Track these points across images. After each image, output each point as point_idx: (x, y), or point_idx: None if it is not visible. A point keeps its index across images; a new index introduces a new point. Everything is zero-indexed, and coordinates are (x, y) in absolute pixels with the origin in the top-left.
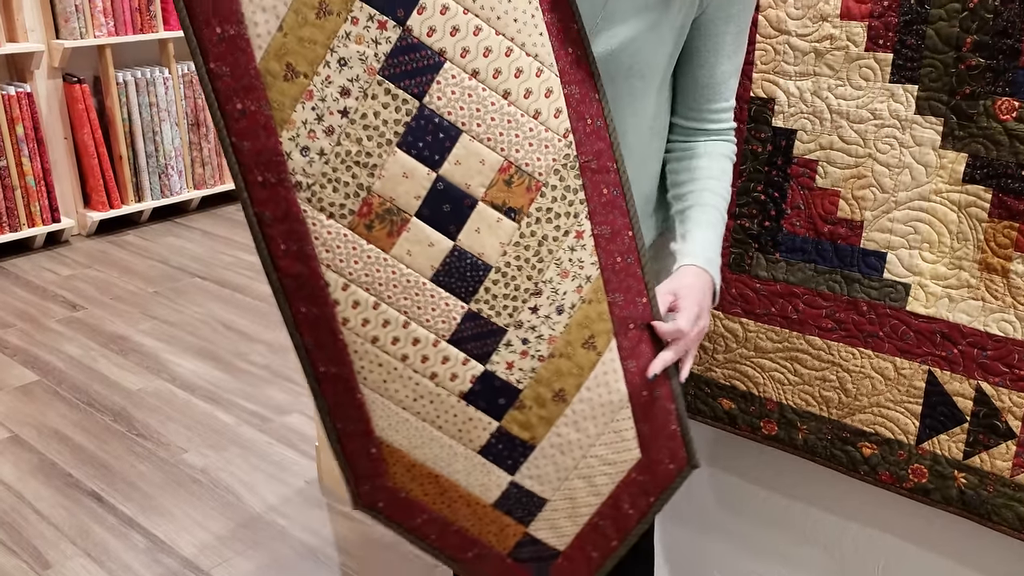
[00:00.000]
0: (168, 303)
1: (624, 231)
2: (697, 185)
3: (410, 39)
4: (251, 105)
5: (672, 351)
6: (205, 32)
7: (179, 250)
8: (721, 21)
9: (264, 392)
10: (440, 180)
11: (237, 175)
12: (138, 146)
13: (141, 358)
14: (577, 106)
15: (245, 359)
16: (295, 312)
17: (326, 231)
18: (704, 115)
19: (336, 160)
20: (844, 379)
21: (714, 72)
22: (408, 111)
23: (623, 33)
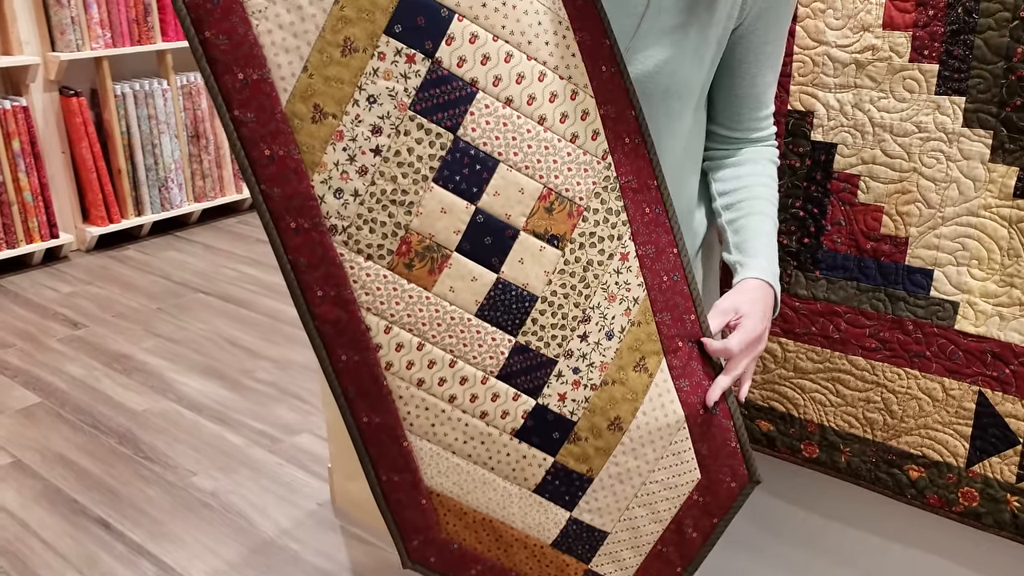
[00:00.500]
0: (171, 320)
1: (668, 249)
2: (748, 193)
3: (440, 71)
4: (279, 150)
5: (728, 374)
6: (227, 79)
7: (181, 265)
8: (761, 31)
9: (272, 411)
10: (479, 213)
11: (268, 223)
12: (137, 159)
13: (146, 377)
14: (614, 125)
15: (252, 377)
16: (335, 361)
17: (365, 273)
18: (747, 124)
19: (371, 200)
20: (889, 400)
21: (755, 82)
22: (442, 145)
23: (659, 54)
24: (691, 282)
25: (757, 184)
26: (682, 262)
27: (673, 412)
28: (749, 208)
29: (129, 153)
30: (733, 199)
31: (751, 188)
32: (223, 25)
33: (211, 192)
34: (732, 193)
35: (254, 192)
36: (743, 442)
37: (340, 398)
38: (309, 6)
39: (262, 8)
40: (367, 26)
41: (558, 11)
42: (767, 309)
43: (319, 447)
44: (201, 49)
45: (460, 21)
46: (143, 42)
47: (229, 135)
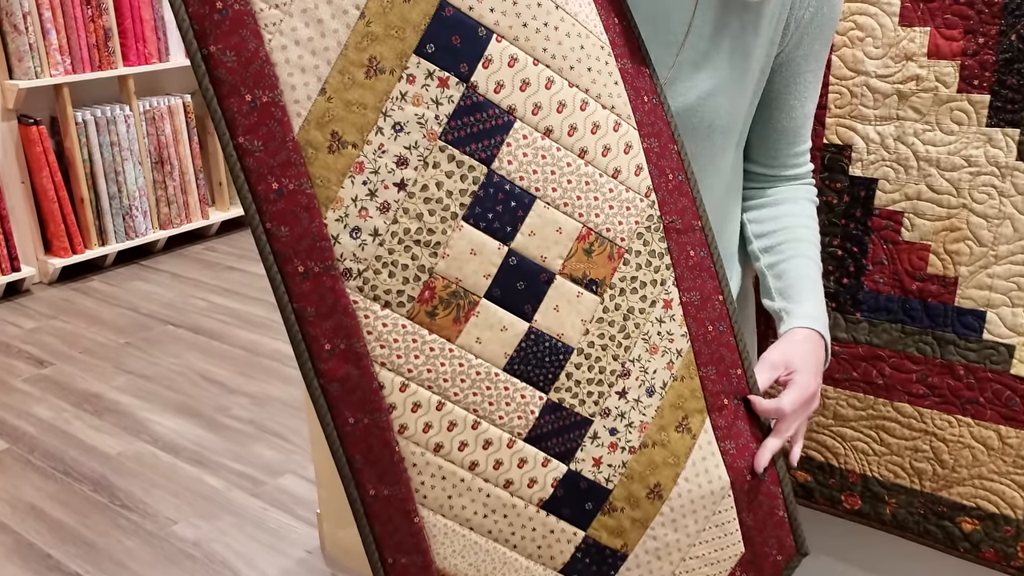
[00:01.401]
0: (141, 355)
1: (714, 296)
2: (789, 234)
3: (475, 97)
4: (289, 183)
5: (778, 437)
6: (232, 101)
7: (148, 295)
8: (801, 59)
9: (252, 451)
10: (512, 254)
11: (272, 267)
12: (100, 187)
13: (118, 418)
14: (658, 161)
15: (228, 414)
16: (340, 425)
17: (381, 323)
18: (784, 160)
19: (393, 240)
20: (939, 449)
21: (794, 115)
22: (475, 179)
23: (701, 85)
24: (737, 333)
25: (798, 225)
26: (728, 311)
27: (718, 478)
28: (791, 251)
29: (91, 181)
30: (773, 241)
31: (792, 229)
32: (231, 39)
33: (177, 219)
34: (771, 235)
35: (257, 231)
36: (791, 511)
37: (344, 468)
38: (331, 20)
39: (276, 21)
40: (396, 44)
41: (600, 35)
42: (819, 362)
43: (304, 489)
44: (204, 66)
45: (499, 42)
46: (104, 67)
47: (231, 165)
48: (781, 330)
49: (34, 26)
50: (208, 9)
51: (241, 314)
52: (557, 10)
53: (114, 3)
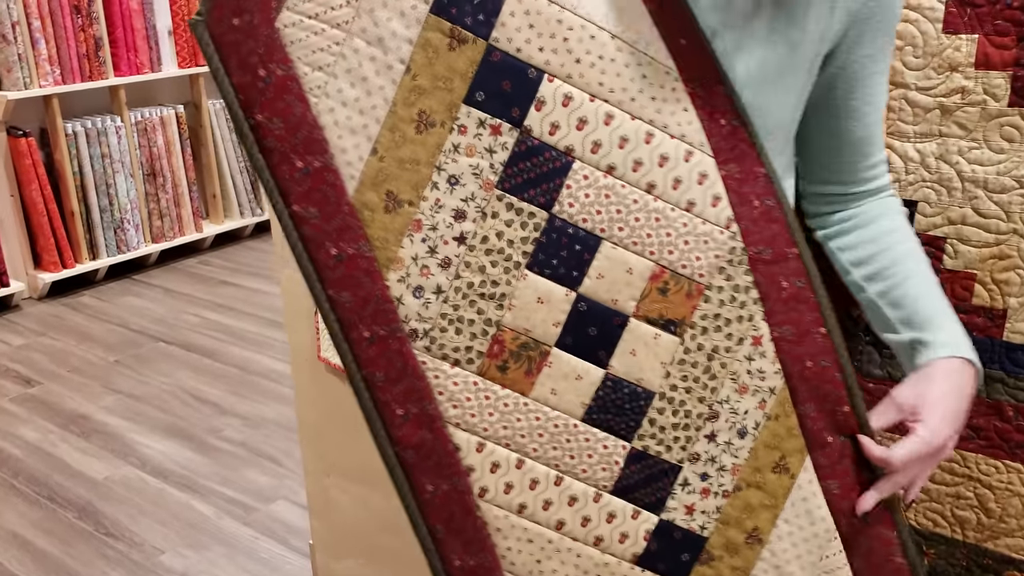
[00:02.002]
0: (131, 373)
1: (814, 329)
2: (892, 254)
3: (530, 141)
4: (348, 248)
5: (890, 480)
6: (284, 169)
7: (139, 311)
8: (865, 60)
9: (244, 475)
10: (582, 300)
11: (338, 334)
12: (91, 200)
13: (106, 440)
14: (739, 187)
15: (219, 436)
16: (420, 494)
17: (451, 382)
18: (862, 174)
19: (457, 296)
20: (985, 497)
21: (865, 121)
22: (536, 225)
23: (738, 80)
24: (845, 367)
25: (899, 242)
26: (833, 343)
27: (821, 519)
28: (902, 272)
29: (82, 194)
30: (876, 266)
31: (894, 248)
32: (277, 106)
33: (170, 232)
34: (872, 260)
35: (320, 299)
36: (912, 558)
37: (426, 539)
38: (376, 77)
39: (321, 84)
40: (444, 96)
41: (664, 60)
42: (961, 401)
43: (297, 516)
44: (252, 136)
45: (551, 82)
46: (94, 78)
47: (288, 234)
48: (917, 362)
49: (23, 36)
50: (252, 78)
51: (235, 331)
52: (613, 40)
53: (105, 12)
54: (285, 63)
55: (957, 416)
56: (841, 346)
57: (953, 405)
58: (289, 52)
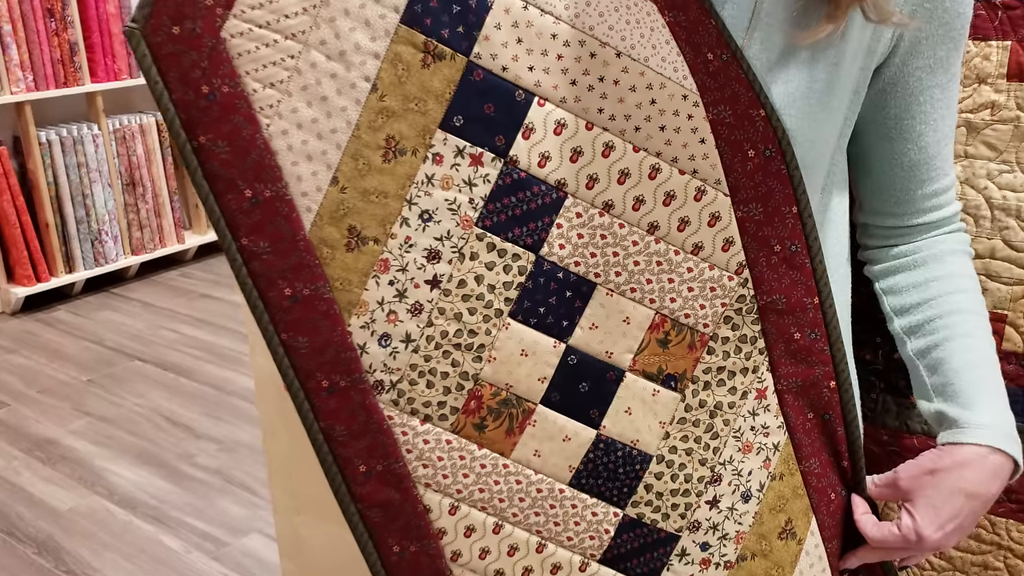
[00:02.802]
0: (104, 394)
1: (823, 382)
2: (940, 307)
3: (516, 173)
4: (304, 288)
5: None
6: (231, 198)
7: (116, 327)
8: (922, 72)
9: (216, 505)
10: (572, 352)
11: (293, 383)
12: (66, 211)
13: (72, 467)
14: (759, 230)
15: (192, 462)
16: (385, 555)
17: (422, 440)
18: (919, 204)
19: (429, 346)
20: (1016, 567)
21: (923, 143)
22: (521, 269)
23: (775, 105)
24: (851, 423)
25: (951, 291)
26: (840, 398)
27: None
28: (947, 330)
29: (57, 205)
30: (919, 318)
31: (944, 300)
32: (222, 127)
33: (150, 244)
34: (916, 310)
35: (273, 343)
36: None
37: None
38: (337, 97)
39: (274, 103)
40: (417, 119)
41: (682, 81)
42: (967, 506)
43: (270, 551)
44: (195, 159)
45: (542, 106)
46: (70, 84)
47: (236, 271)
48: (940, 441)
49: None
50: (194, 94)
51: (213, 347)
52: (619, 59)
53: (80, 16)
54: (232, 78)
55: (958, 519)
56: (851, 402)
57: (957, 506)
58: (236, 66)
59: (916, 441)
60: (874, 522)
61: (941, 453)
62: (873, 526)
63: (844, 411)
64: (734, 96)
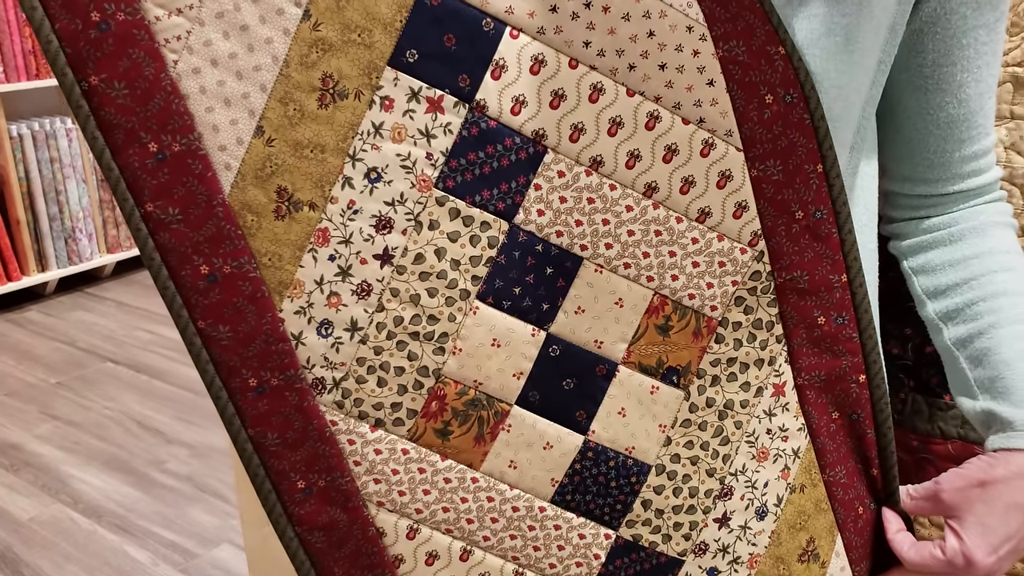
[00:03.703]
0: (73, 397)
1: (850, 375)
2: (983, 289)
3: (483, 122)
4: (224, 265)
5: None
6: (131, 153)
7: (89, 328)
8: (969, 6)
9: (186, 514)
10: (553, 342)
11: (213, 380)
12: (39, 208)
13: (36, 474)
14: (778, 193)
15: (163, 468)
16: None
17: (372, 450)
18: (956, 168)
19: (380, 336)
20: None
21: (964, 95)
22: (491, 240)
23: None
24: (882, 424)
25: (997, 269)
26: (871, 395)
27: None
28: (995, 315)
29: (29, 201)
30: (958, 301)
31: (989, 279)
32: (118, 65)
33: (126, 242)
34: (954, 291)
35: (188, 332)
36: None
37: None
38: (260, 25)
39: (182, 33)
40: (360, 54)
41: (686, 9)
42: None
43: (241, 562)
44: (86, 105)
45: (515, 38)
46: (41, 76)
47: (140, 244)
48: (987, 444)
49: None
50: (82, 24)
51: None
52: None
53: None
54: (129, 2)
55: (1014, 540)
56: (883, 399)
57: (1014, 526)
58: None
59: (951, 447)
60: (912, 542)
61: (993, 461)
62: (911, 547)
63: (875, 411)
64: (748, 29)
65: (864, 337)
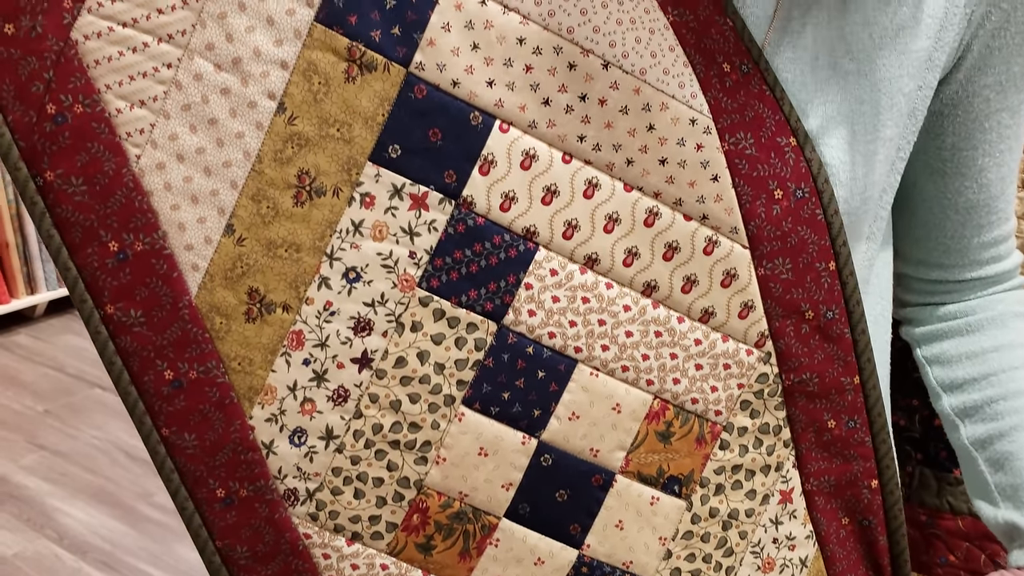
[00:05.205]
0: (60, 426)
1: (862, 481)
2: (1004, 385)
3: (471, 219)
4: (190, 371)
5: None
6: (89, 253)
7: (78, 352)
8: (993, 89)
9: (173, 550)
10: (545, 451)
11: (179, 491)
12: (28, 230)
13: (21, 508)
14: (786, 292)
15: (150, 501)
16: None
17: (349, 565)
18: (975, 254)
19: (358, 444)
20: None
21: (985, 179)
22: (479, 342)
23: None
24: (895, 531)
25: (1018, 365)
26: (884, 501)
27: None
28: (1016, 416)
29: (18, 223)
30: (977, 398)
31: (1010, 376)
32: (76, 160)
33: None
34: (972, 387)
35: (151, 440)
36: None
37: None
38: (231, 120)
39: (145, 127)
40: (339, 149)
41: (689, 100)
42: None
43: None
44: (42, 202)
45: (505, 131)
46: None
47: (100, 348)
48: (1010, 558)
49: None
50: (37, 115)
51: None
52: (607, 71)
53: None
54: (88, 94)
55: None
56: (896, 505)
57: None
58: (93, 77)
59: (961, 523)
60: None
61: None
62: None
63: (888, 517)
64: (757, 119)
65: (877, 441)
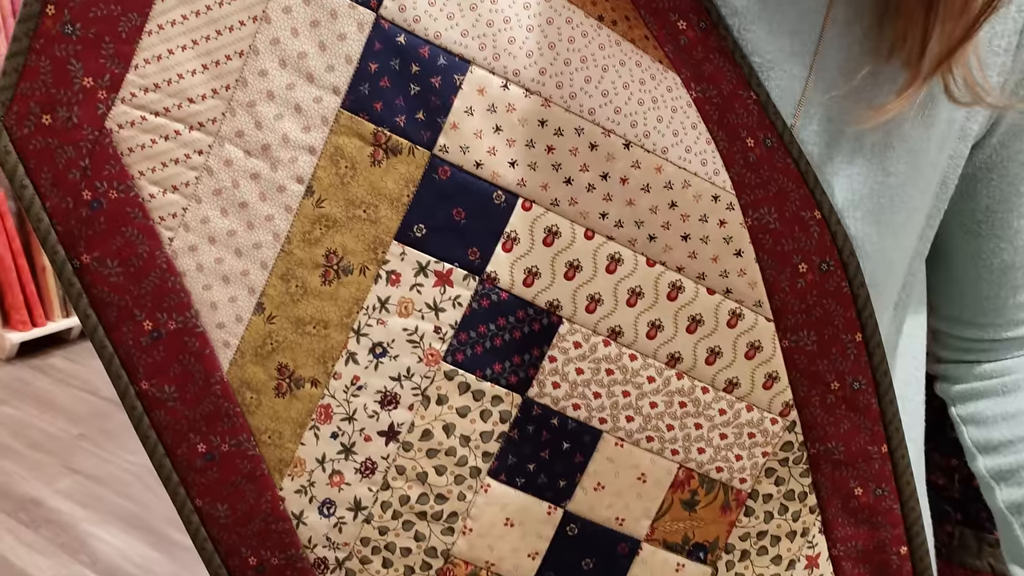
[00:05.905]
0: (95, 450)
1: (890, 548)
2: None
3: (495, 295)
4: (223, 444)
5: None
6: (125, 331)
7: None
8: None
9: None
10: (571, 520)
11: (213, 558)
12: None
13: (56, 532)
14: (811, 364)
15: (182, 528)
16: None
17: None
18: (1011, 314)
19: (385, 515)
20: None
21: (1021, 242)
22: (504, 415)
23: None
24: None
25: None
26: (914, 568)
27: None
28: None
29: None
30: (1014, 461)
31: None
32: (111, 243)
33: None
34: (1010, 449)
35: (185, 511)
36: None
37: None
38: (261, 203)
39: (178, 211)
40: (365, 230)
41: (712, 177)
42: None
43: None
44: (79, 284)
45: (527, 210)
46: None
47: (136, 422)
48: None
49: None
50: (73, 202)
51: None
52: (628, 151)
53: None
54: (122, 180)
55: None
56: (926, 572)
57: None
58: (127, 164)
59: None
60: None
61: None
62: None
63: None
64: (781, 194)
65: (906, 509)
